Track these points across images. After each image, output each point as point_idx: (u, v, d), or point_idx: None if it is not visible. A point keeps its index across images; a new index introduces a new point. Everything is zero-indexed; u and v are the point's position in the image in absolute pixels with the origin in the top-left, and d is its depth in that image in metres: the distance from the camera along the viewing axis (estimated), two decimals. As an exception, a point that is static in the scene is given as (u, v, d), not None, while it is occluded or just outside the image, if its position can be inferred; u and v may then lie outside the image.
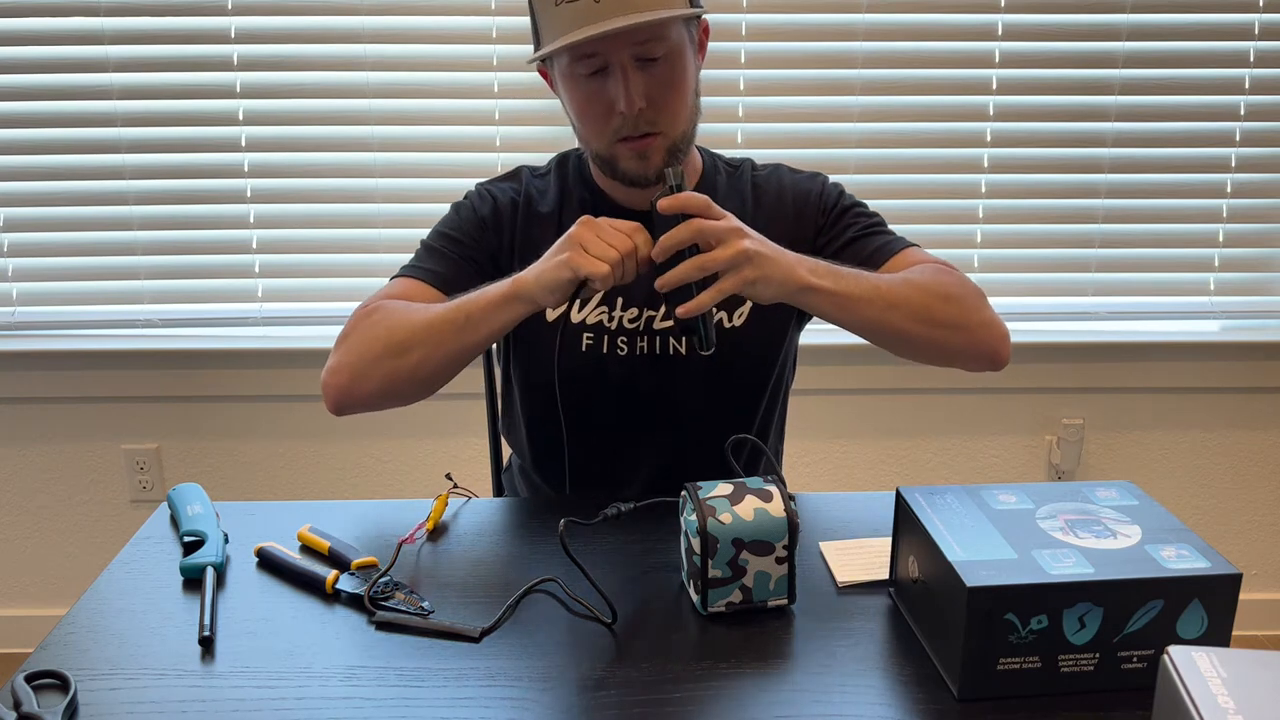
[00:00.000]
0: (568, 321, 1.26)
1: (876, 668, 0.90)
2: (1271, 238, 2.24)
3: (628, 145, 1.19)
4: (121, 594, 1.02)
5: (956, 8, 2.07)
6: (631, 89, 1.14)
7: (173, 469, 2.27)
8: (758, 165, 1.37)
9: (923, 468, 2.31)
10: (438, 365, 1.16)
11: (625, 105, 1.14)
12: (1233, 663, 0.65)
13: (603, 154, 1.22)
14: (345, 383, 1.19)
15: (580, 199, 1.31)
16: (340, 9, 2.04)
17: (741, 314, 1.28)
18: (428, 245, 1.33)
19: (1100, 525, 0.91)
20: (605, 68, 1.15)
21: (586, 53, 1.14)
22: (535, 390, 1.32)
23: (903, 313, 1.14)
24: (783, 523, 0.94)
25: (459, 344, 1.14)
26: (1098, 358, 2.24)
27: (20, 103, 2.08)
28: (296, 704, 0.85)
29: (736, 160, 1.37)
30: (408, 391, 1.19)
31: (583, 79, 1.17)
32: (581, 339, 1.28)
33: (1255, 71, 2.13)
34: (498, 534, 1.14)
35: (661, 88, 1.16)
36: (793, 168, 1.37)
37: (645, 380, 1.28)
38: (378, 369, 1.17)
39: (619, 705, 0.85)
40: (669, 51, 1.16)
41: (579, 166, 1.34)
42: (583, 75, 1.16)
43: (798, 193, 1.33)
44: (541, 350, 1.28)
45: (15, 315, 2.21)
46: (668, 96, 1.17)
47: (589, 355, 1.27)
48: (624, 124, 1.17)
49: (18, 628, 2.34)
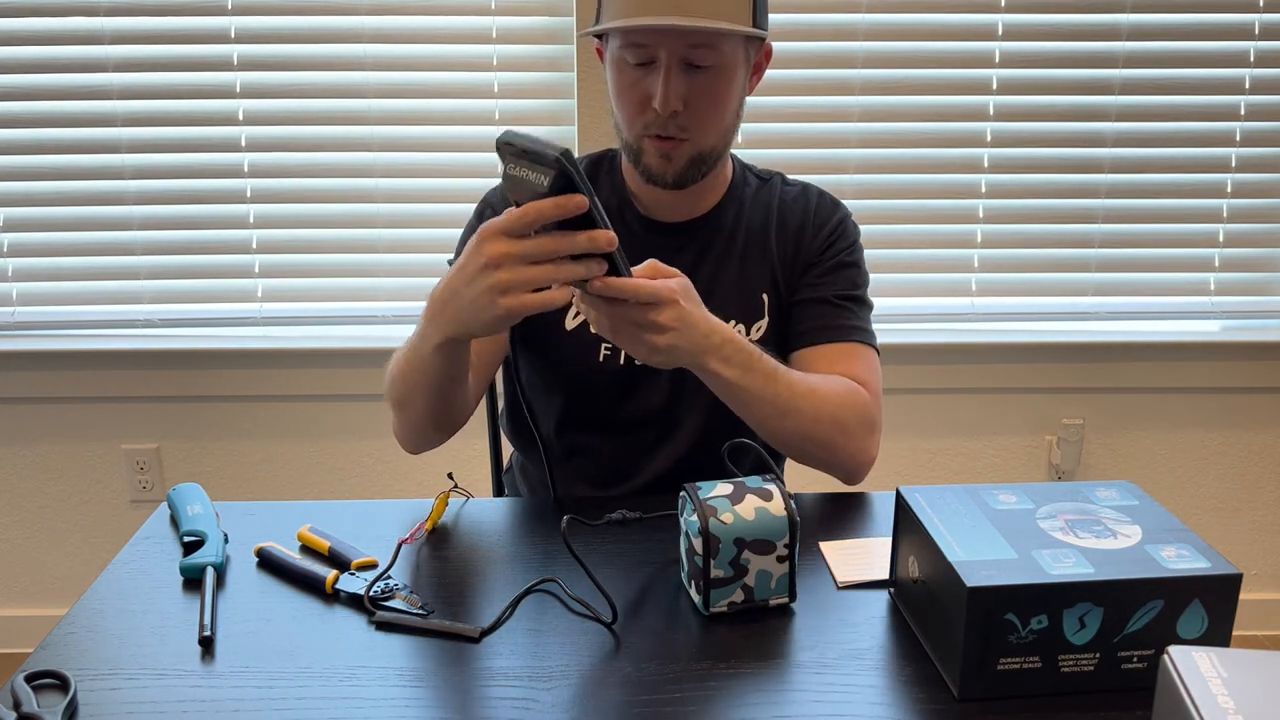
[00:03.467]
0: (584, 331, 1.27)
1: (876, 668, 0.90)
2: (1271, 238, 2.24)
3: (655, 142, 1.19)
4: (121, 594, 1.02)
5: (956, 8, 2.07)
6: (671, 89, 1.14)
7: (173, 469, 2.27)
8: (788, 180, 1.36)
9: (923, 468, 2.31)
10: (431, 405, 1.17)
11: (661, 104, 1.15)
12: (1233, 663, 0.65)
13: (631, 143, 1.22)
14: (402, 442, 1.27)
15: (606, 206, 1.30)
16: (340, 9, 2.04)
17: (760, 328, 1.29)
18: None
19: (1100, 525, 0.91)
20: (653, 61, 1.15)
21: (638, 41, 1.15)
22: (553, 395, 1.32)
23: (790, 423, 1.14)
24: (784, 521, 0.94)
25: (429, 388, 1.14)
26: (1098, 358, 2.24)
27: (20, 103, 2.08)
28: (296, 704, 0.85)
29: (767, 173, 1.36)
30: (437, 422, 1.21)
31: (629, 66, 1.17)
32: (599, 348, 1.28)
33: (1255, 71, 2.13)
34: (498, 534, 1.14)
35: (701, 97, 1.17)
36: (821, 190, 1.35)
37: (661, 390, 1.28)
38: (405, 421, 1.22)
39: (619, 705, 0.85)
40: (719, 64, 1.16)
41: (613, 170, 1.33)
42: (629, 63, 1.17)
43: (817, 221, 1.31)
44: (560, 357, 1.29)
45: (15, 315, 2.21)
46: (705, 107, 1.17)
47: (606, 365, 1.28)
48: (656, 121, 1.17)
49: (18, 628, 2.33)
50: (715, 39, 1.15)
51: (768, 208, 1.32)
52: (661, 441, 1.30)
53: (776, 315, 1.30)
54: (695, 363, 1.07)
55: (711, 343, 1.06)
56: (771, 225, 1.30)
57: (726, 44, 1.16)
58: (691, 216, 1.29)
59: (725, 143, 1.24)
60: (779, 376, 1.13)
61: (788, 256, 1.30)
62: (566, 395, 1.31)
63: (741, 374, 1.09)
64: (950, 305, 2.25)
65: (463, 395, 1.20)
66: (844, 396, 1.19)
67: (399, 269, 2.18)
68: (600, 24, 1.18)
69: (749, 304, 1.29)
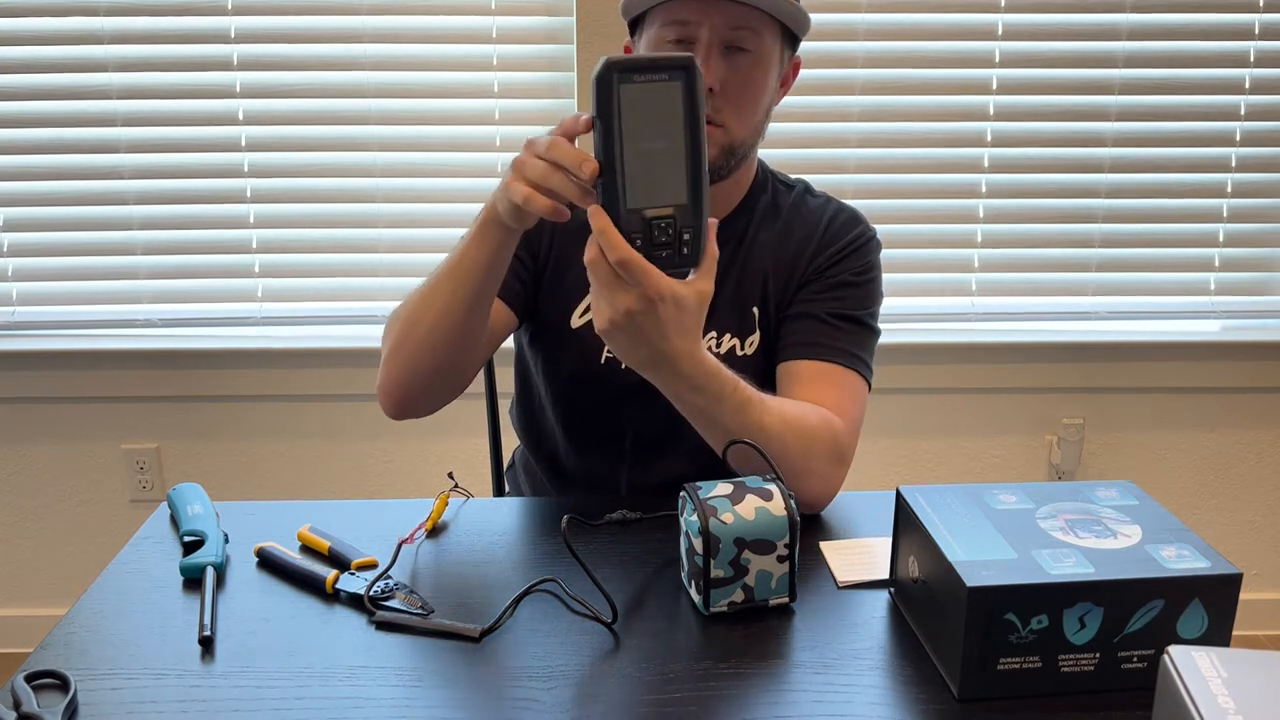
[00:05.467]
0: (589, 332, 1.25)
1: (876, 668, 0.90)
2: (1271, 238, 2.24)
3: None
4: (121, 594, 1.02)
5: (956, 8, 2.07)
6: (712, 68, 1.13)
7: (173, 469, 2.27)
8: (814, 191, 1.34)
9: (923, 468, 2.31)
10: (449, 324, 1.12)
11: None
12: (1233, 663, 0.65)
13: None
14: (389, 390, 1.18)
15: None
16: (340, 9, 2.04)
17: (752, 343, 1.27)
18: None
19: (1100, 525, 0.91)
20: (693, 41, 1.14)
21: (681, 18, 1.14)
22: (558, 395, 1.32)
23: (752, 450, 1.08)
24: (784, 521, 0.94)
25: (457, 291, 1.10)
26: (1098, 358, 2.24)
27: (20, 103, 2.08)
28: (296, 704, 0.85)
29: (793, 181, 1.34)
30: (436, 364, 1.15)
31: (668, 47, 1.16)
32: (601, 351, 1.27)
33: (1255, 71, 2.13)
34: (498, 534, 1.14)
35: (739, 82, 1.16)
36: (846, 208, 1.32)
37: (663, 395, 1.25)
38: (403, 353, 1.15)
39: (619, 705, 0.85)
40: (759, 51, 1.16)
41: None
42: (669, 43, 1.15)
43: (828, 236, 1.28)
44: (563, 356, 1.28)
45: (15, 315, 2.21)
46: (743, 93, 1.16)
47: (607, 366, 1.27)
48: None
49: (18, 628, 2.33)
50: (758, 23, 1.14)
51: (777, 216, 1.30)
52: (664, 447, 1.29)
53: (768, 329, 1.27)
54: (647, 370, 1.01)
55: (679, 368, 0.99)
56: (774, 233, 1.28)
57: (768, 35, 1.16)
58: None
59: (754, 139, 1.22)
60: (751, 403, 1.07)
61: (784, 266, 1.27)
62: (569, 395, 1.31)
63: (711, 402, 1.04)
64: (950, 305, 2.25)
65: (477, 334, 1.15)
66: (815, 428, 1.13)
67: (399, 269, 2.18)
68: (643, 5, 1.16)
69: (743, 319, 1.27)
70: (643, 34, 1.20)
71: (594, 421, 1.31)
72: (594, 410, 1.30)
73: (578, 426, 1.32)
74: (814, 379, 1.21)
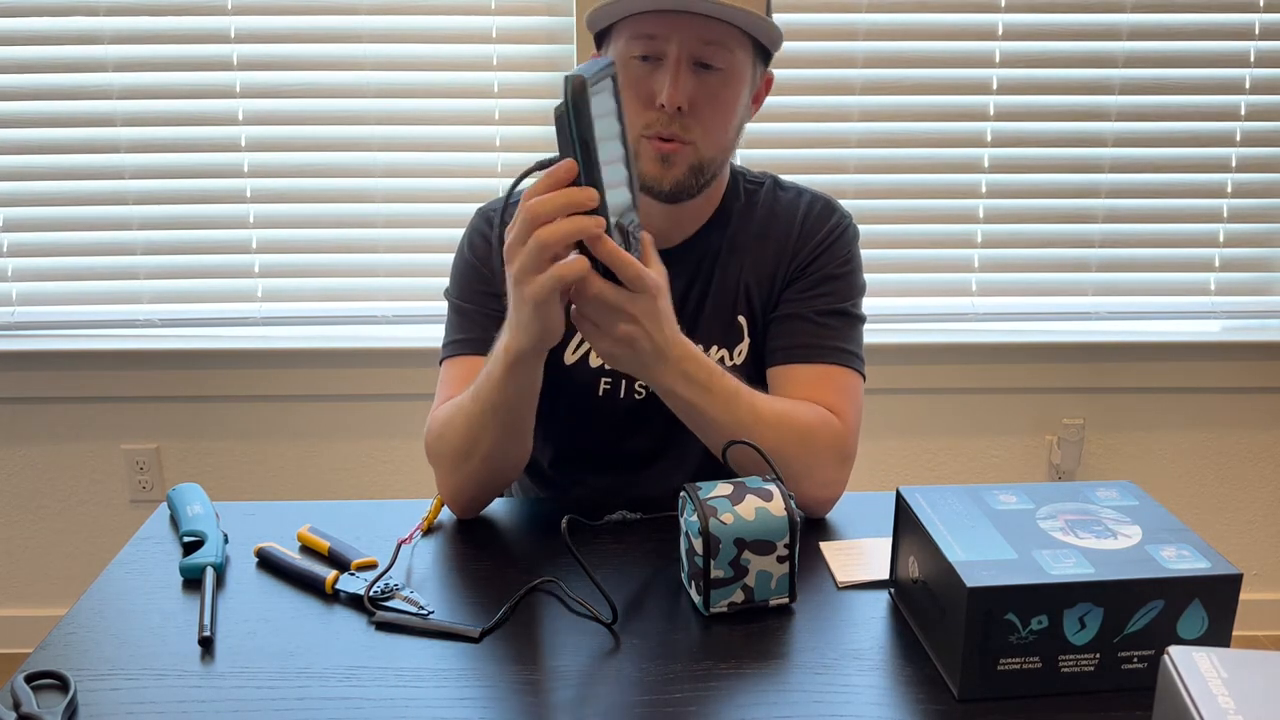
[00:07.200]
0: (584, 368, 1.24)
1: (876, 668, 0.90)
2: (1272, 238, 2.24)
3: (654, 144, 1.13)
4: (121, 594, 1.02)
5: (956, 8, 2.07)
6: (680, 85, 1.10)
7: (173, 469, 2.27)
8: (783, 184, 1.30)
9: (923, 468, 2.31)
10: (503, 448, 1.11)
11: (668, 98, 1.09)
12: (1233, 663, 0.65)
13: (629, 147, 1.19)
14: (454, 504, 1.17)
15: None
16: (340, 9, 2.04)
17: (741, 352, 1.25)
18: (453, 305, 1.27)
19: (1101, 525, 0.91)
20: (661, 57, 1.11)
21: (649, 32, 1.10)
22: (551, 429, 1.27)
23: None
24: (784, 521, 0.94)
25: (505, 423, 1.09)
26: (1098, 358, 2.24)
27: (20, 103, 2.08)
28: (296, 704, 0.85)
29: (759, 177, 1.31)
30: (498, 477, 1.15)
31: (635, 62, 1.12)
32: (599, 384, 1.25)
33: (1255, 71, 2.13)
34: (498, 534, 1.14)
35: (709, 99, 1.12)
36: (817, 196, 1.29)
37: (658, 427, 1.23)
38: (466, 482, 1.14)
39: (619, 705, 0.85)
40: (729, 68, 1.13)
41: None
42: (636, 58, 1.12)
43: (806, 232, 1.25)
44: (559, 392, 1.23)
45: (15, 315, 2.21)
46: (712, 110, 1.13)
47: (605, 400, 1.25)
48: (659, 120, 1.11)
49: (18, 628, 2.33)
50: (729, 39, 1.11)
51: (751, 219, 1.26)
52: (660, 478, 1.27)
53: (756, 335, 1.25)
54: (649, 371, 1.01)
55: (671, 354, 1.01)
56: (750, 238, 1.25)
57: (738, 52, 1.13)
58: (678, 242, 1.24)
59: (723, 158, 1.19)
60: (740, 399, 1.08)
61: (765, 270, 1.24)
62: (564, 430, 1.28)
63: (700, 392, 1.05)
64: (950, 305, 2.25)
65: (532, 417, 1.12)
66: (814, 426, 1.13)
67: (399, 269, 2.18)
68: (610, 14, 1.12)
69: (729, 329, 1.25)
70: (608, 48, 1.16)
71: (592, 447, 1.29)
72: (592, 438, 1.28)
73: (574, 452, 1.31)
74: (809, 382, 1.19)
